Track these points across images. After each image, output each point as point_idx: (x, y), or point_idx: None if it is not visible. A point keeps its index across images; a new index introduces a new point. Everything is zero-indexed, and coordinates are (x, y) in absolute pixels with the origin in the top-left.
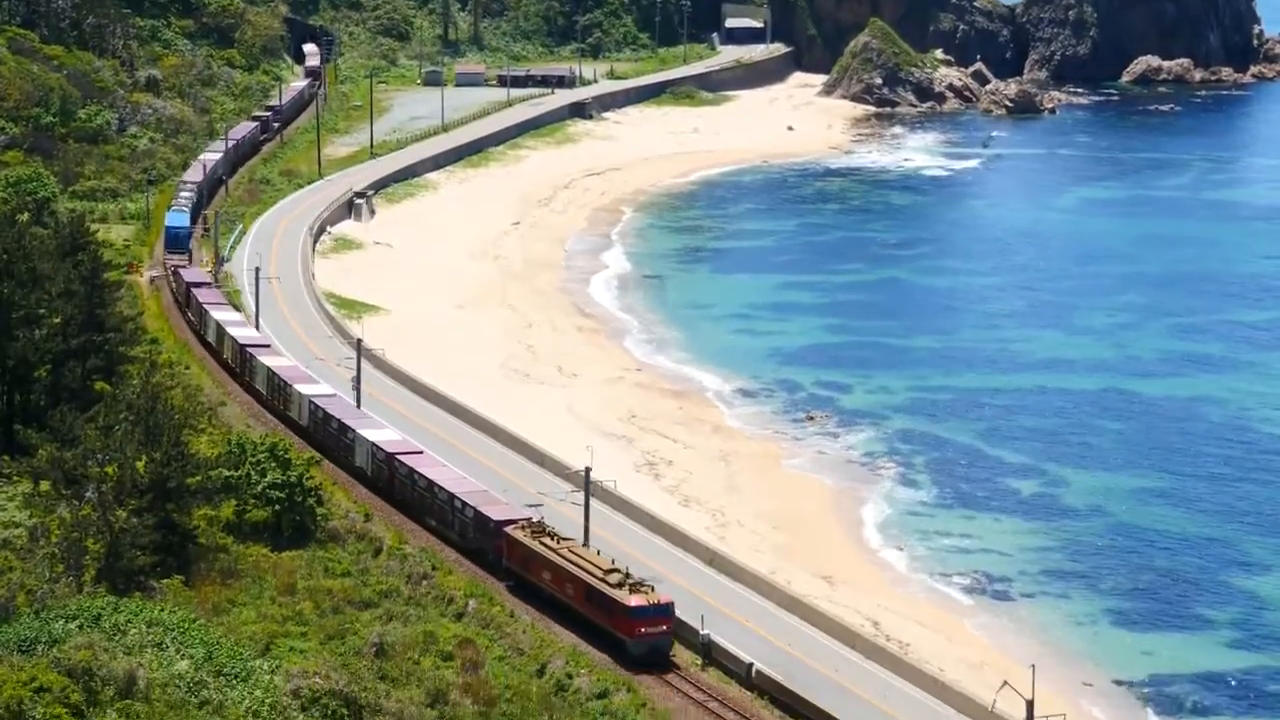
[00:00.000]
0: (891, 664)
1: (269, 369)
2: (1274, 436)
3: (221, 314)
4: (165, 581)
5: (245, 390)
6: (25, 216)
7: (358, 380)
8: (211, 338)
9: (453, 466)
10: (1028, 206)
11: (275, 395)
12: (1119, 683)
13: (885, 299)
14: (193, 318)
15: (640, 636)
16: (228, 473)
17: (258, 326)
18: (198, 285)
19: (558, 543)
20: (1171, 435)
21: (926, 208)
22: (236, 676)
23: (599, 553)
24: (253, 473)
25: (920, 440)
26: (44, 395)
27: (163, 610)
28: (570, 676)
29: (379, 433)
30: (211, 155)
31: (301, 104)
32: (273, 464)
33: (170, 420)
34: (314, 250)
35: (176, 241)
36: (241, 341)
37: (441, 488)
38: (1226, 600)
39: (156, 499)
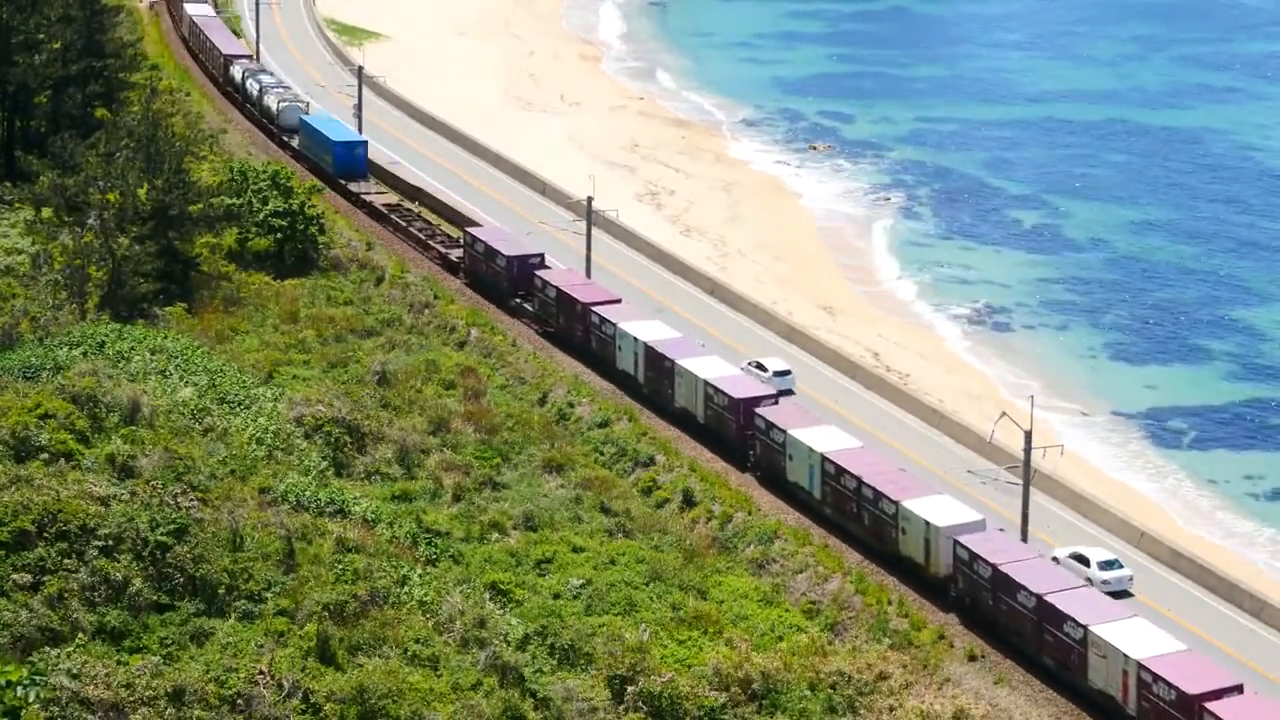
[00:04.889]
0: (892, 394)
1: (739, 404)
2: (1277, 168)
3: (640, 327)
4: (168, 309)
5: (657, 411)
6: None
7: (359, 108)
8: (631, 363)
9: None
10: None
11: (751, 440)
12: (1118, 415)
13: (889, 28)
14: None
15: None
16: (230, 200)
17: (258, 56)
18: (598, 301)
19: None
20: (1175, 167)
21: None
22: (240, 404)
23: None
24: (255, 200)
25: (923, 171)
26: (44, 121)
27: (166, 337)
28: (572, 405)
29: (945, 510)
30: None
31: None
32: (275, 192)
33: (171, 147)
34: None
35: (353, 165)
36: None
37: (1108, 644)
38: (1227, 333)
39: (158, 226)
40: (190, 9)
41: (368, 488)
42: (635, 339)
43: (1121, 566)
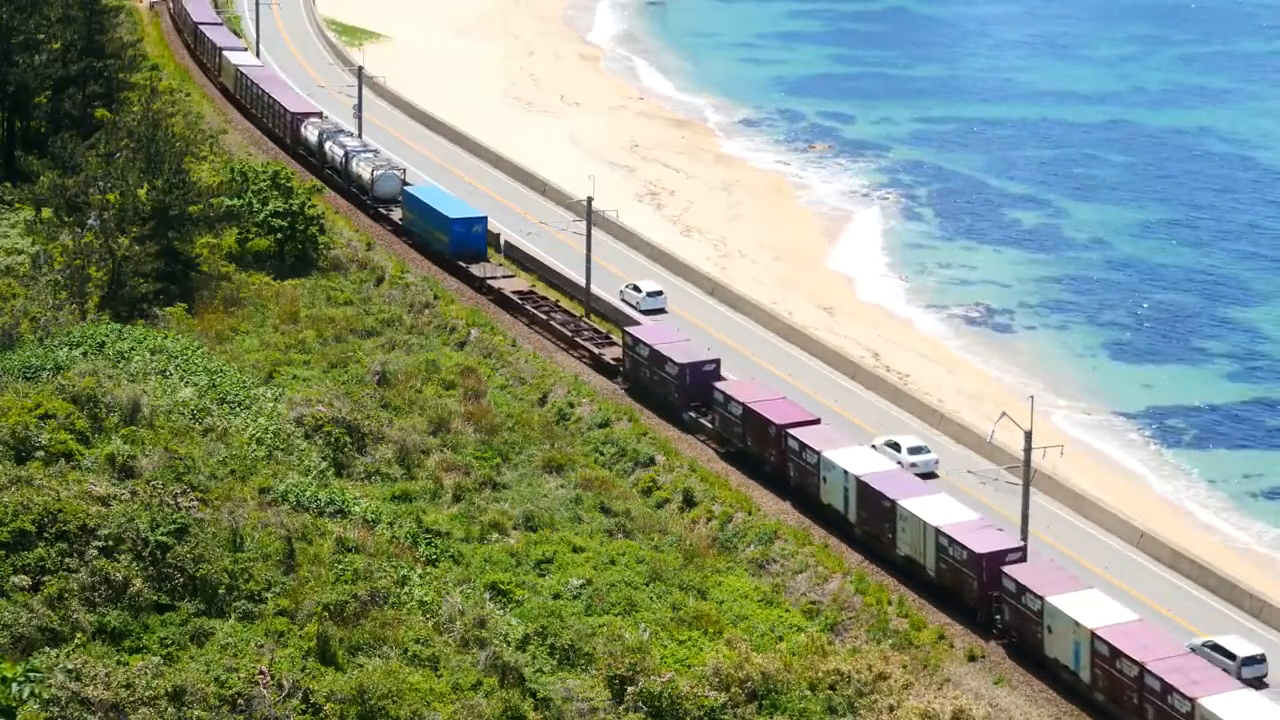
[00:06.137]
0: (892, 394)
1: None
2: (1276, 169)
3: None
4: (168, 309)
5: (877, 560)
6: None
7: (359, 108)
8: (840, 499)
9: None
10: None
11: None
12: (1118, 414)
13: (889, 29)
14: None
15: None
16: (230, 201)
17: (258, 54)
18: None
19: None
20: (1174, 167)
21: None
22: (240, 404)
23: None
24: (255, 201)
25: (923, 171)
26: (44, 122)
27: (166, 338)
28: (572, 405)
29: (1255, 710)
30: None
31: None
32: (275, 192)
33: (171, 148)
34: None
35: (470, 244)
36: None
37: None
38: (1227, 333)
39: (158, 226)
40: (235, 59)
41: (368, 488)
42: (845, 471)
43: (929, 452)
